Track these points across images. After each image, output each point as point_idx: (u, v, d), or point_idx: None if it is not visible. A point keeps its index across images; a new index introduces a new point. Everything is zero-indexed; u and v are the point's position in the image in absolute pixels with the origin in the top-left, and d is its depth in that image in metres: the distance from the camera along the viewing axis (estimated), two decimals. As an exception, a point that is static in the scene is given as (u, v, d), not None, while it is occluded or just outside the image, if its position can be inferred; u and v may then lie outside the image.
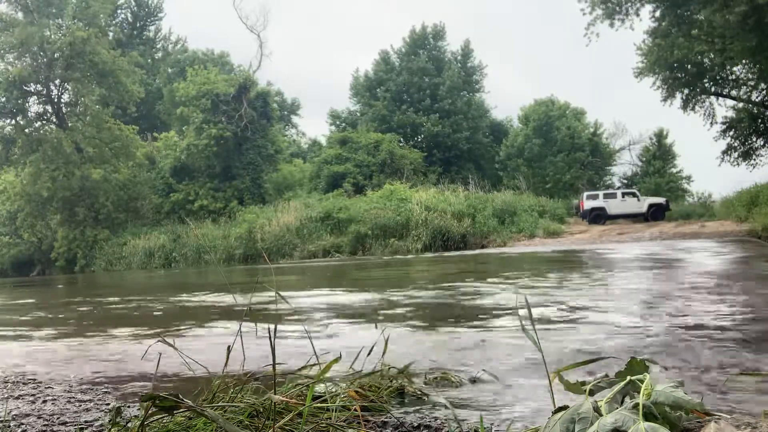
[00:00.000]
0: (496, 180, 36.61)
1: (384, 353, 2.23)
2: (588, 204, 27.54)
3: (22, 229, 33.96)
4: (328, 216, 24.31)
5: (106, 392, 2.55)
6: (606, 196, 27.95)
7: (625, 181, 41.32)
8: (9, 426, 2.00)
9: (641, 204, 27.32)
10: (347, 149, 32.88)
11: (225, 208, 31.33)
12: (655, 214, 26.85)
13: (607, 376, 1.60)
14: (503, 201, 24.67)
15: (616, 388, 1.47)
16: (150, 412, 1.48)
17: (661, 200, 28.07)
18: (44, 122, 32.32)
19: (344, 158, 32.18)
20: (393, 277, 10.10)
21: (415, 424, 1.82)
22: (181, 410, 1.49)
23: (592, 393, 1.52)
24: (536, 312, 4.24)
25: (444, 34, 43.20)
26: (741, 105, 27.46)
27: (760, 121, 27.32)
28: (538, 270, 9.54)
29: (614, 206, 27.26)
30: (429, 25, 42.93)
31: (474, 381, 2.41)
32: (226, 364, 1.89)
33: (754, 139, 28.25)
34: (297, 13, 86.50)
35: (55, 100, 32.32)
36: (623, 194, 28.12)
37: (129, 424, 1.68)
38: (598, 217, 27.04)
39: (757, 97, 26.90)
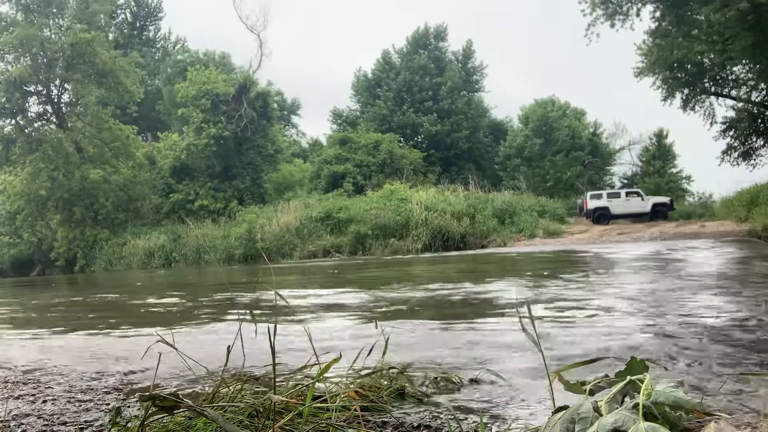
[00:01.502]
0: (496, 180, 36.59)
1: (384, 353, 2.23)
2: (591, 203, 27.30)
3: (22, 229, 33.94)
4: (328, 216, 24.31)
5: (106, 392, 2.55)
6: (610, 195, 27.61)
7: (625, 181, 41.30)
8: (9, 426, 2.00)
9: (645, 203, 26.96)
10: (347, 149, 32.87)
11: (225, 208, 31.33)
12: (659, 213, 26.48)
13: (607, 376, 1.60)
14: (503, 201, 24.65)
15: (616, 388, 1.46)
16: (150, 412, 1.48)
17: (665, 200, 27.63)
18: (44, 122, 32.32)
19: (344, 158, 32.17)
20: (393, 277, 10.10)
21: (415, 424, 1.82)
22: (181, 410, 1.49)
23: (592, 393, 1.52)
24: (536, 312, 4.24)
25: (445, 35, 43.21)
26: (741, 105, 27.47)
27: (760, 121, 27.33)
28: (538, 270, 9.53)
29: (618, 206, 26.96)
30: (432, 26, 42.98)
31: (474, 381, 2.40)
32: (225, 364, 1.89)
33: (754, 139, 28.26)
34: (297, 13, 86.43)
35: (55, 100, 32.32)
36: (627, 194, 27.75)
37: (129, 424, 1.68)
38: (601, 216, 26.73)
39: (757, 97, 26.91)
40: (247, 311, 4.97)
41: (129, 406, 2.22)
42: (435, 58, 41.89)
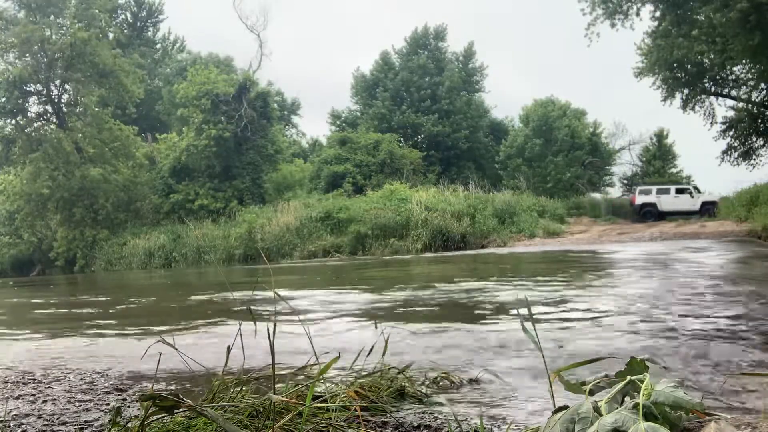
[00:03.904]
0: (496, 180, 36.56)
1: (384, 353, 2.23)
2: (640, 199, 25.84)
3: (22, 228, 33.92)
4: (328, 216, 24.30)
5: (106, 392, 2.55)
6: (659, 191, 26.21)
7: (626, 182, 41.32)
8: (9, 426, 2.00)
9: (695, 201, 25.54)
10: (347, 149, 32.87)
11: (225, 208, 31.32)
12: (710, 212, 24.82)
13: (607, 376, 1.60)
14: (503, 201, 24.62)
15: (616, 388, 1.46)
16: (150, 411, 1.48)
17: (715, 198, 26.04)
18: (44, 122, 32.32)
19: (344, 158, 32.16)
20: (393, 277, 10.09)
21: (415, 424, 1.82)
22: (181, 410, 1.49)
23: (592, 393, 1.52)
24: (536, 312, 4.24)
25: (445, 35, 43.21)
26: (741, 105, 27.45)
27: (760, 121, 27.30)
28: (537, 270, 9.54)
29: (666, 202, 25.60)
30: (431, 26, 42.98)
31: (474, 381, 2.41)
32: (225, 364, 1.89)
33: (754, 139, 28.23)
34: (297, 13, 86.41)
35: (55, 100, 32.31)
36: (677, 190, 26.29)
37: (129, 424, 1.68)
38: (648, 213, 25.10)
39: (757, 97, 26.89)
40: (248, 311, 4.96)
41: (129, 406, 2.22)
42: (435, 58, 41.88)
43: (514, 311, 4.47)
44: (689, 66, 25.12)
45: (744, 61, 23.00)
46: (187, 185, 32.77)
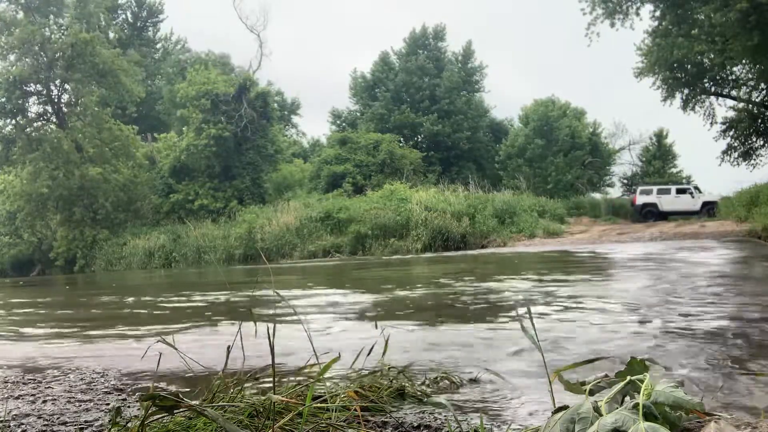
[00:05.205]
0: (496, 180, 36.54)
1: (384, 353, 2.23)
2: (641, 199, 25.97)
3: (22, 228, 33.91)
4: (328, 216, 24.30)
5: (106, 392, 2.55)
6: (660, 191, 26.33)
7: (626, 181, 41.30)
8: (9, 426, 2.00)
9: (695, 201, 25.67)
10: (347, 149, 32.86)
11: (225, 208, 31.31)
12: (711, 212, 24.88)
13: (607, 376, 1.60)
14: (503, 201, 24.61)
15: (616, 388, 1.46)
16: (150, 411, 1.48)
17: (716, 198, 26.09)
18: (44, 122, 32.30)
19: (344, 158, 32.16)
20: (393, 277, 10.09)
21: (415, 424, 1.82)
22: (181, 410, 1.49)
23: (592, 393, 1.52)
24: (535, 312, 4.24)
25: (444, 35, 43.20)
26: (741, 105, 27.44)
27: (760, 121, 27.29)
28: (537, 270, 9.53)
29: (667, 202, 25.71)
30: (430, 26, 42.98)
31: (474, 381, 2.41)
32: (225, 364, 1.89)
33: (754, 139, 28.21)
34: (297, 13, 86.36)
35: (55, 100, 32.29)
36: (677, 190, 26.42)
37: (129, 424, 1.68)
38: (649, 213, 25.18)
39: (757, 97, 26.88)
40: (248, 311, 4.97)
41: (129, 406, 2.22)
42: (434, 58, 41.87)
43: (514, 311, 4.47)
44: (689, 66, 25.09)
45: (744, 61, 22.98)
46: (187, 185, 32.76)
